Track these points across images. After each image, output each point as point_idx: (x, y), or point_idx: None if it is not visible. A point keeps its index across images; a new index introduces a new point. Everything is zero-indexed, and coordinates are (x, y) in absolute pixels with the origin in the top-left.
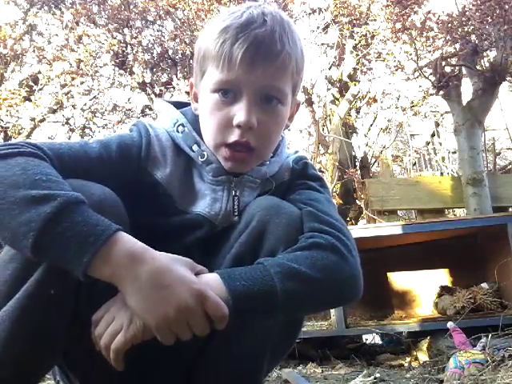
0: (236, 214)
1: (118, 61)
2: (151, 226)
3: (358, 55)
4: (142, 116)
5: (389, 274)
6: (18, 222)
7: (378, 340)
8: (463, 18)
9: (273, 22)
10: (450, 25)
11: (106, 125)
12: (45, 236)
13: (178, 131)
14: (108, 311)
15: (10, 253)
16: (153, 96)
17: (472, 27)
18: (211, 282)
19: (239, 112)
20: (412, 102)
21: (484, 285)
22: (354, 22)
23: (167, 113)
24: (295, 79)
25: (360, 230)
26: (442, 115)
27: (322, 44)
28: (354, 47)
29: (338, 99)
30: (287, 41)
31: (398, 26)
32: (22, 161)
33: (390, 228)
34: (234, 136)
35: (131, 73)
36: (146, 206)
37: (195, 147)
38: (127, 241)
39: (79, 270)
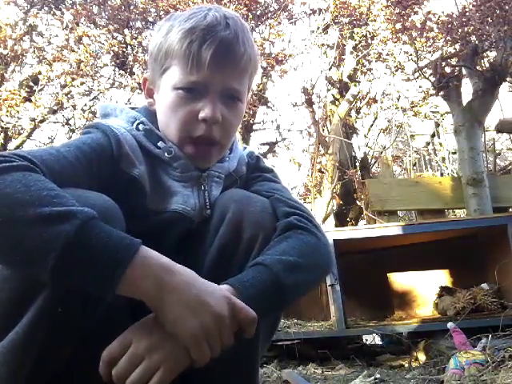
0: (208, 208)
1: (118, 61)
2: (131, 226)
3: (358, 56)
4: None
5: (389, 275)
6: (32, 244)
7: (378, 340)
8: (463, 19)
9: (235, 25)
10: (450, 25)
11: None
12: (68, 255)
13: (138, 129)
14: (132, 354)
15: (2, 273)
16: None
17: (472, 28)
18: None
19: (205, 107)
20: (412, 103)
21: (484, 285)
22: (354, 22)
23: (122, 113)
24: (251, 80)
25: (364, 230)
26: (442, 116)
27: (322, 44)
28: (354, 48)
29: (338, 100)
30: (247, 44)
31: (398, 26)
32: (20, 176)
33: (391, 228)
34: (199, 130)
35: (131, 73)
36: (124, 207)
37: (161, 144)
38: (152, 253)
39: (109, 289)
